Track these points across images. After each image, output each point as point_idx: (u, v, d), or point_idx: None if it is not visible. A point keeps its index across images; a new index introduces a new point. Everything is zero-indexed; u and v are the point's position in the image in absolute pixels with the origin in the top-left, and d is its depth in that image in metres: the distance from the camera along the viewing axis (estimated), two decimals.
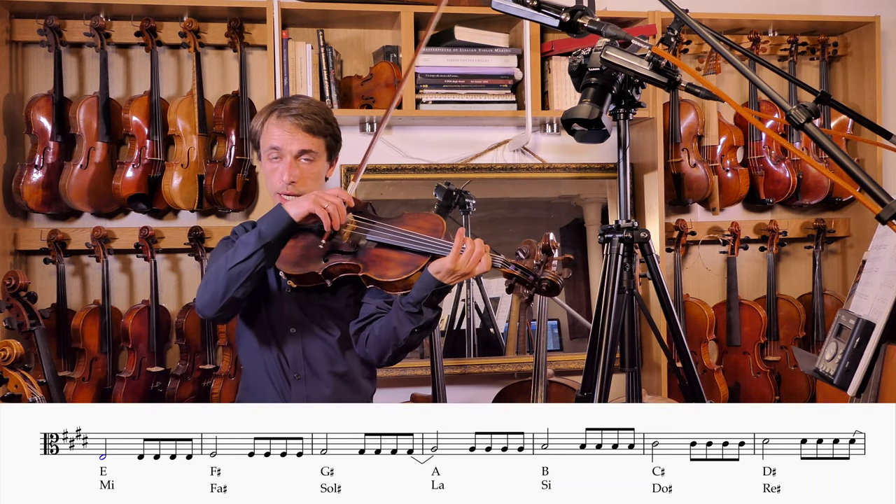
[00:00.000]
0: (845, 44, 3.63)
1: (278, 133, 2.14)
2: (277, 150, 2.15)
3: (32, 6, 2.98)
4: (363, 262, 2.09)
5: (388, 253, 2.10)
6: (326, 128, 2.20)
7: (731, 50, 1.70)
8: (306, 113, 2.16)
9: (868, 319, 1.50)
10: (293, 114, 2.15)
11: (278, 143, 2.14)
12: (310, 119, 2.15)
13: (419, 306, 2.05)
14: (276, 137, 2.14)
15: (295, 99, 2.24)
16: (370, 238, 2.11)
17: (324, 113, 2.22)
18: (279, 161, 2.16)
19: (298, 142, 2.14)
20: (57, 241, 3.00)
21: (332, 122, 2.23)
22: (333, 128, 2.23)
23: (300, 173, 2.15)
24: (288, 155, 2.14)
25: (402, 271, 2.06)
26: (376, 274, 2.06)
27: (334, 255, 2.11)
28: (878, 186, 1.15)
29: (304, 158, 2.16)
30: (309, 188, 2.18)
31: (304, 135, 2.14)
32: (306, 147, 2.15)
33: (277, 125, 2.15)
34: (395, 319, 2.10)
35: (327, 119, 2.21)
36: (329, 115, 2.23)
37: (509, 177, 3.37)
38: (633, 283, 1.89)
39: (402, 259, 2.09)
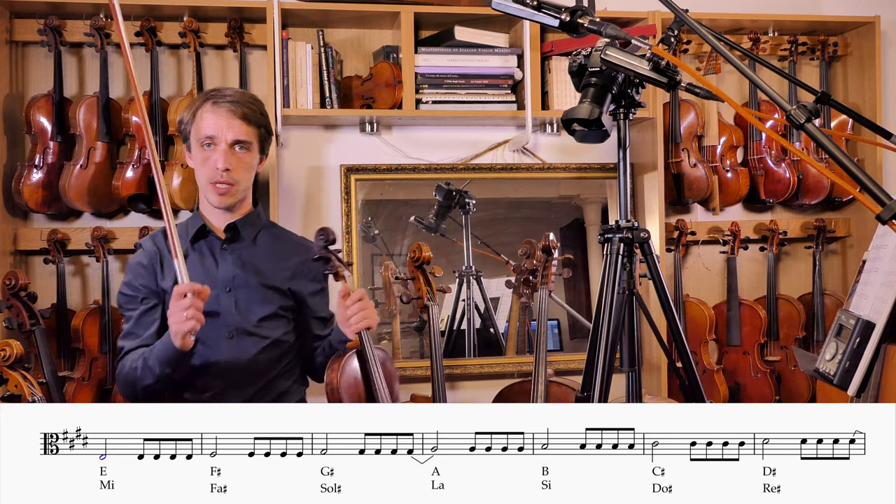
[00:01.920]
0: (845, 44, 3.63)
1: (213, 120, 2.14)
2: (212, 138, 2.14)
3: (32, 6, 2.98)
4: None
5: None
6: (261, 118, 2.20)
7: (731, 50, 1.70)
8: (243, 101, 2.17)
9: (868, 319, 1.50)
10: (228, 100, 2.15)
11: (213, 130, 2.14)
12: (245, 107, 2.16)
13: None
14: (211, 125, 2.14)
15: (228, 88, 2.25)
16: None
17: (259, 104, 2.23)
18: (213, 149, 2.15)
19: (234, 130, 2.14)
20: (57, 241, 3.00)
21: (266, 115, 2.24)
22: (267, 120, 2.24)
23: (235, 162, 2.15)
24: (223, 142, 2.13)
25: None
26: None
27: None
28: (878, 186, 1.15)
29: (239, 147, 2.15)
30: (244, 180, 2.19)
31: (239, 122, 2.14)
32: (241, 137, 2.15)
33: (212, 112, 2.14)
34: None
35: (262, 111, 2.22)
36: (263, 108, 2.24)
37: (509, 177, 3.37)
38: (633, 283, 1.89)
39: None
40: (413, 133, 3.35)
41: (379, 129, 3.28)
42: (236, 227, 2.28)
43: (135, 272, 2.26)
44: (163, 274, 2.23)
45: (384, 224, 3.29)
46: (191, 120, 2.18)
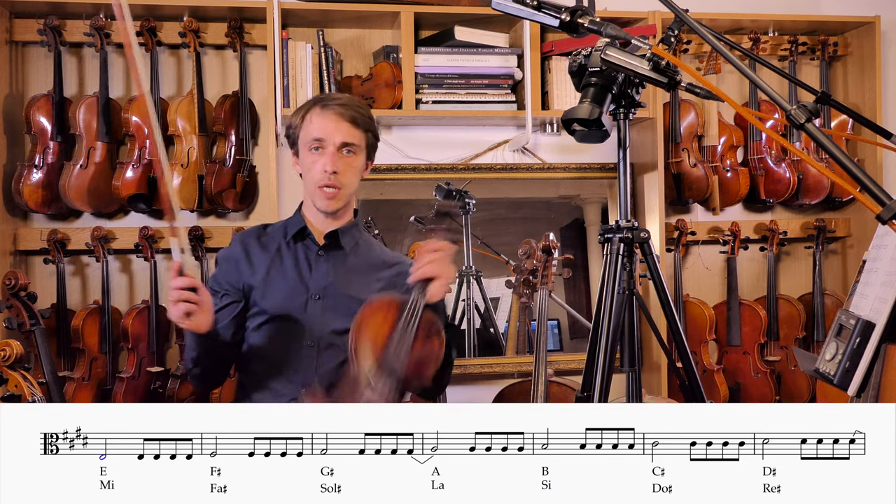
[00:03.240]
0: (845, 44, 3.64)
1: (322, 123, 2.11)
2: (320, 141, 2.11)
3: (32, 6, 2.98)
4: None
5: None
6: (369, 123, 2.18)
7: (731, 50, 1.70)
8: (351, 105, 2.15)
9: (868, 319, 1.50)
10: (337, 103, 2.13)
11: (321, 133, 2.11)
12: (354, 111, 2.13)
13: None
14: (320, 128, 2.11)
15: (337, 94, 2.23)
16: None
17: (366, 109, 2.21)
18: (321, 153, 2.12)
19: (342, 133, 2.11)
20: (57, 241, 3.00)
21: (373, 119, 2.21)
22: (374, 125, 2.21)
23: (343, 165, 2.12)
24: (331, 146, 2.11)
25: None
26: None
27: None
28: (878, 186, 1.15)
29: (347, 150, 2.12)
30: (350, 184, 2.15)
31: (348, 125, 2.12)
32: (349, 139, 2.12)
33: (321, 115, 2.12)
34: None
35: (370, 115, 2.20)
36: (370, 113, 2.21)
37: (509, 177, 3.37)
38: (633, 283, 1.89)
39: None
40: (413, 133, 3.35)
41: (379, 129, 3.28)
42: (337, 235, 2.20)
43: (220, 266, 2.25)
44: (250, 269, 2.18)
45: (384, 224, 3.29)
46: (300, 124, 2.15)
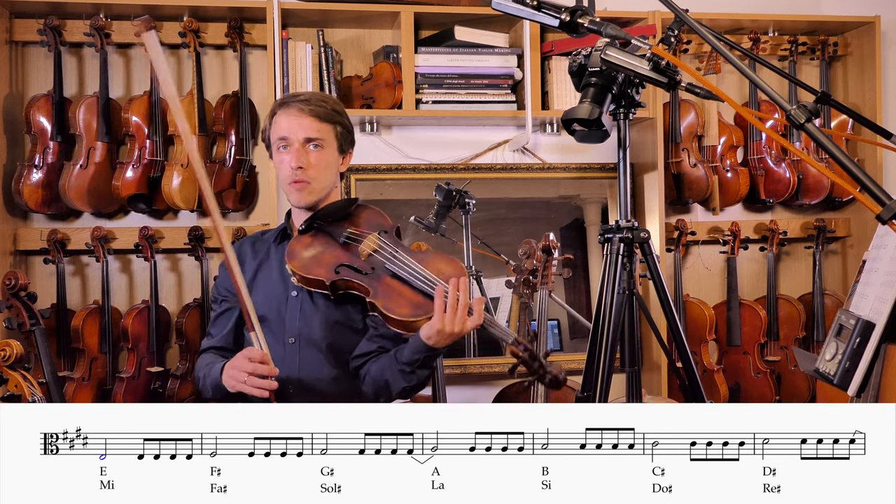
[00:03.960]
0: (845, 44, 3.63)
1: (285, 122, 2.13)
2: (285, 139, 2.13)
3: (32, 6, 2.98)
4: (374, 287, 1.99)
5: (402, 287, 2.00)
6: (333, 115, 2.17)
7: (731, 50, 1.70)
8: (312, 100, 2.15)
9: (868, 319, 1.50)
10: (299, 100, 2.14)
11: (285, 131, 2.13)
12: (315, 105, 2.14)
13: (413, 367, 1.99)
14: (284, 127, 2.13)
15: (301, 92, 2.25)
16: (389, 266, 2.02)
17: (331, 102, 2.21)
18: (287, 150, 2.13)
19: (304, 128, 2.12)
20: (57, 241, 3.00)
21: (340, 112, 2.20)
22: (342, 117, 2.20)
23: (308, 160, 2.12)
24: (296, 142, 2.12)
25: (409, 312, 1.95)
26: (383, 305, 1.96)
27: (346, 269, 2.03)
28: (878, 186, 1.15)
29: (313, 145, 2.13)
30: (321, 177, 2.15)
31: (310, 120, 2.12)
32: (312, 134, 2.12)
33: (284, 114, 2.14)
34: (388, 372, 2.04)
35: (335, 108, 2.19)
36: (337, 106, 2.21)
37: (509, 177, 3.37)
38: (633, 283, 1.89)
39: (414, 300, 1.97)
40: (413, 133, 3.35)
41: (379, 129, 3.28)
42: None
43: (220, 273, 2.30)
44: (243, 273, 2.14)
45: None
46: (269, 126, 2.18)
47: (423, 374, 2.02)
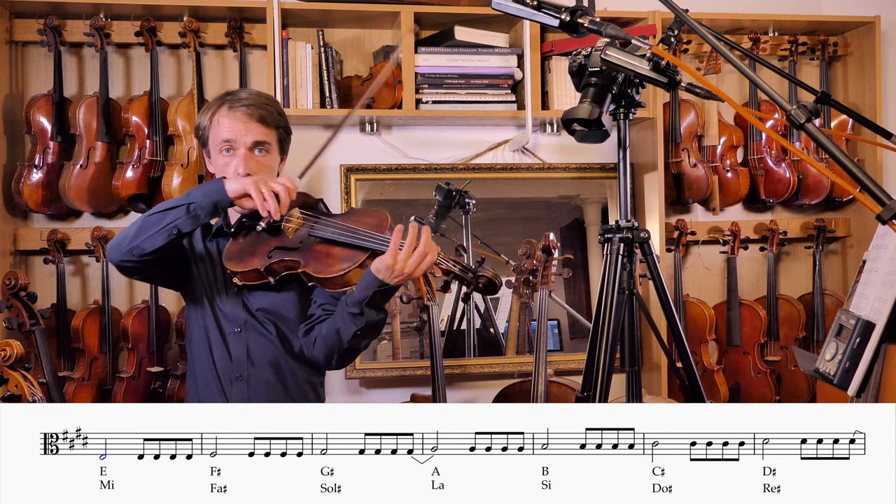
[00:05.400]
0: (845, 44, 3.63)
1: (230, 124, 2.11)
2: (230, 142, 2.11)
3: (32, 6, 2.98)
4: (304, 257, 2.04)
5: (330, 249, 2.05)
6: (278, 119, 2.18)
7: (731, 50, 1.70)
8: (258, 103, 2.14)
9: (868, 319, 1.50)
10: (245, 104, 2.13)
11: (231, 134, 2.11)
12: (262, 109, 2.13)
13: (360, 307, 2.00)
14: (229, 129, 2.11)
15: (243, 90, 2.22)
16: (313, 233, 2.07)
17: (275, 104, 2.21)
18: (232, 154, 2.12)
19: (252, 133, 2.11)
20: (57, 241, 3.00)
21: (283, 115, 2.21)
22: (284, 120, 2.21)
23: (255, 166, 2.12)
24: (242, 147, 2.11)
25: (339, 267, 2.01)
26: (315, 270, 2.02)
27: (278, 251, 2.07)
28: (878, 186, 1.15)
29: (259, 150, 2.13)
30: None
31: (257, 125, 2.12)
32: (260, 138, 2.12)
33: (229, 116, 2.12)
34: (339, 320, 2.06)
35: (279, 111, 2.20)
36: (280, 108, 2.22)
37: (509, 177, 3.37)
38: (633, 283, 1.89)
39: (343, 255, 2.04)
40: (413, 133, 3.35)
41: (379, 129, 3.28)
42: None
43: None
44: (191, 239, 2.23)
45: None
46: (208, 125, 2.16)
47: (372, 316, 2.03)
